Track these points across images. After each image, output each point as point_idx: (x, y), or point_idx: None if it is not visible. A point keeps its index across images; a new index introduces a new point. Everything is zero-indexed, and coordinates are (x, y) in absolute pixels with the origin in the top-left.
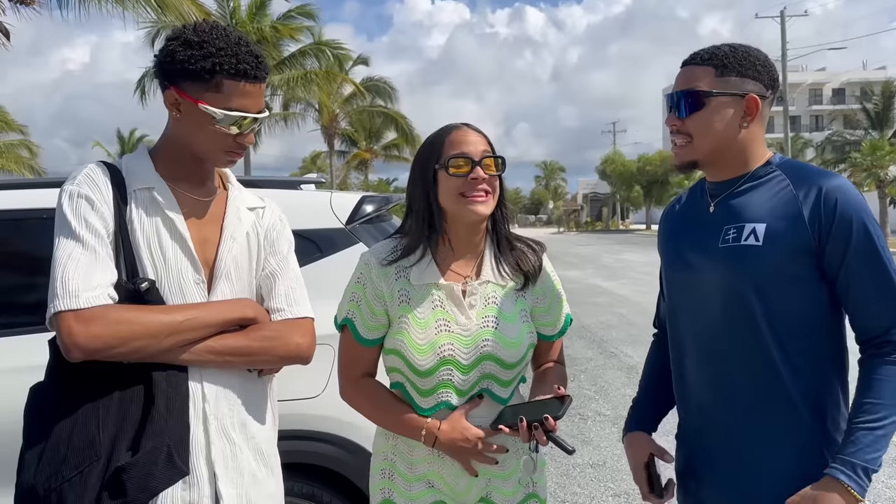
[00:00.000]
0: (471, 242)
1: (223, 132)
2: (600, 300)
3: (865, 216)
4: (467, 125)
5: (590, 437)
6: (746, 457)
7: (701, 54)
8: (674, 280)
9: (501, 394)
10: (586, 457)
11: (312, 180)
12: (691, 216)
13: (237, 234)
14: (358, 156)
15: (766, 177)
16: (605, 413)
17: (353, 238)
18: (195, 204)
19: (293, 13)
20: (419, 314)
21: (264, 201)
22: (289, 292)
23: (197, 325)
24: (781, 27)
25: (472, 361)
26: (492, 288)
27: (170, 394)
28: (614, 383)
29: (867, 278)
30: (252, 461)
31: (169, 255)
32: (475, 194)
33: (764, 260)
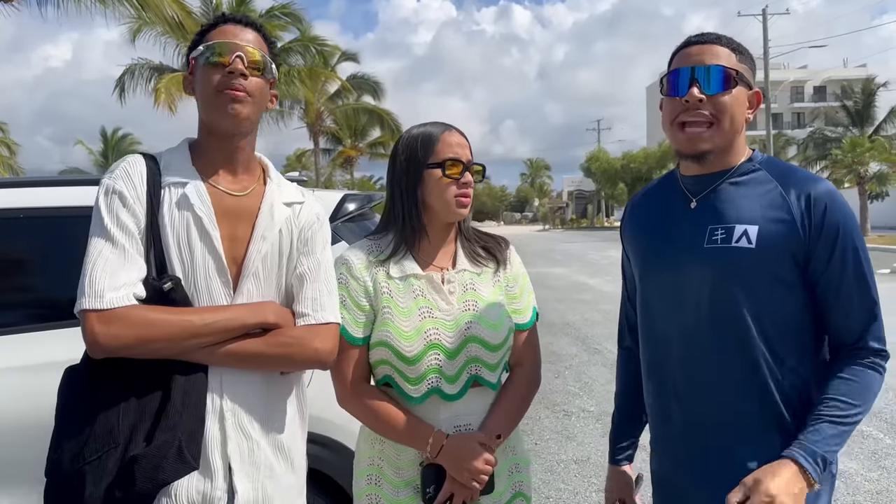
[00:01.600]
0: (445, 237)
1: (211, 70)
2: (585, 297)
3: (851, 224)
4: (456, 128)
5: (573, 433)
6: (727, 455)
7: (719, 36)
8: (652, 277)
9: (490, 378)
10: (570, 453)
11: (295, 178)
12: (668, 211)
13: (268, 233)
14: (343, 154)
15: (749, 174)
16: (590, 409)
17: (336, 236)
18: (228, 199)
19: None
20: (402, 304)
21: (304, 196)
22: (316, 297)
23: (217, 330)
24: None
25: (457, 345)
26: (468, 275)
27: (187, 389)
28: (599, 379)
29: (848, 285)
30: (271, 456)
31: (197, 252)
32: (463, 197)
33: (756, 263)
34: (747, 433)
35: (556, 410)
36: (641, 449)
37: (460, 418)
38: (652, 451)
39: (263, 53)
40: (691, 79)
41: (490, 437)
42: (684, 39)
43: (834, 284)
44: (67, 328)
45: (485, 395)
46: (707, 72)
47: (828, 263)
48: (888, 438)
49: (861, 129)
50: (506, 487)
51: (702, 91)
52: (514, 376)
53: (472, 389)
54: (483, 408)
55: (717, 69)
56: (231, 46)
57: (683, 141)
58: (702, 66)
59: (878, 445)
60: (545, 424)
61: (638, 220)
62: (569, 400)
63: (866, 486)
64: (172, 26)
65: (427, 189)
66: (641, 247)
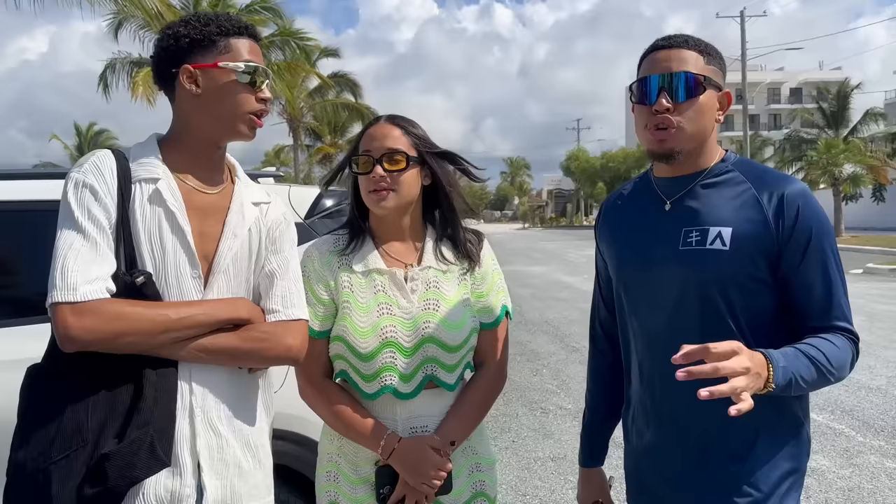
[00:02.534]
0: (401, 232)
1: (245, 90)
2: (563, 295)
3: (824, 225)
4: (390, 118)
5: (551, 430)
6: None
7: (686, 39)
8: (628, 280)
9: (447, 379)
10: (547, 450)
11: (271, 174)
12: (643, 214)
13: (239, 231)
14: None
15: (723, 175)
16: (567, 407)
17: (312, 232)
18: (199, 196)
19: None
20: (361, 299)
21: (270, 197)
22: (285, 294)
23: (190, 324)
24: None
25: (413, 344)
26: (433, 273)
27: (158, 385)
28: (576, 377)
29: (819, 286)
30: (239, 453)
31: (168, 247)
32: (377, 191)
33: (730, 264)
34: (727, 431)
35: (534, 408)
36: (616, 447)
37: (416, 420)
38: (627, 451)
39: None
40: (659, 87)
41: (444, 443)
42: (652, 43)
43: (806, 285)
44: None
45: (442, 397)
46: (674, 79)
47: (800, 264)
48: (860, 436)
49: (836, 130)
50: (465, 487)
51: (669, 100)
52: (475, 378)
53: (428, 390)
54: (440, 409)
55: (683, 76)
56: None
57: (653, 142)
58: (669, 74)
59: (850, 443)
60: (523, 422)
61: (613, 222)
62: (546, 398)
63: (839, 483)
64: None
65: None
66: (617, 249)
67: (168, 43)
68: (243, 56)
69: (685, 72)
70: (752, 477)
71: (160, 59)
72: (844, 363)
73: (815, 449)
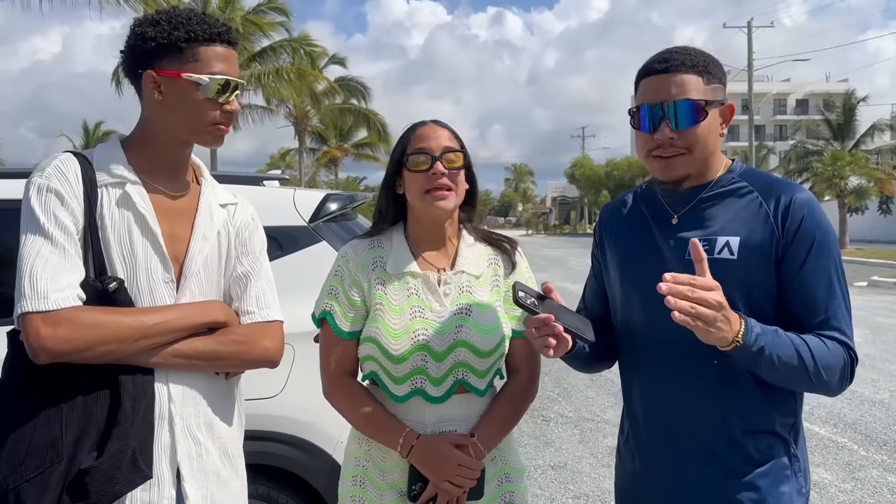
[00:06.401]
0: (441, 236)
1: (210, 102)
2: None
3: (827, 234)
4: (435, 121)
5: (551, 438)
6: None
7: (682, 60)
8: (634, 293)
9: (478, 385)
10: (547, 458)
11: (276, 177)
12: (650, 228)
13: (208, 233)
14: (328, 153)
15: (730, 185)
16: (568, 415)
17: (317, 236)
18: (167, 199)
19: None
20: (394, 301)
21: (237, 198)
22: (260, 295)
23: (166, 330)
24: (748, 38)
25: (445, 348)
26: (466, 278)
27: (136, 395)
28: (577, 385)
29: (819, 292)
30: (218, 461)
31: (139, 252)
32: (436, 191)
33: (738, 273)
34: (727, 442)
35: (535, 416)
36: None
37: (445, 424)
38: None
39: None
40: (661, 116)
41: (464, 437)
42: (647, 62)
43: (805, 292)
44: None
45: (472, 402)
46: (676, 108)
47: (800, 269)
48: (862, 450)
49: (842, 142)
50: (494, 497)
51: (672, 129)
52: (509, 385)
53: (458, 395)
54: (469, 414)
55: (685, 105)
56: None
57: (658, 170)
58: (670, 103)
59: (853, 457)
60: (523, 430)
61: (618, 235)
62: (547, 405)
63: (840, 497)
64: None
65: (405, 187)
66: (623, 260)
67: (135, 42)
68: (211, 67)
69: (686, 99)
70: None
71: (127, 57)
72: (832, 367)
73: (817, 462)
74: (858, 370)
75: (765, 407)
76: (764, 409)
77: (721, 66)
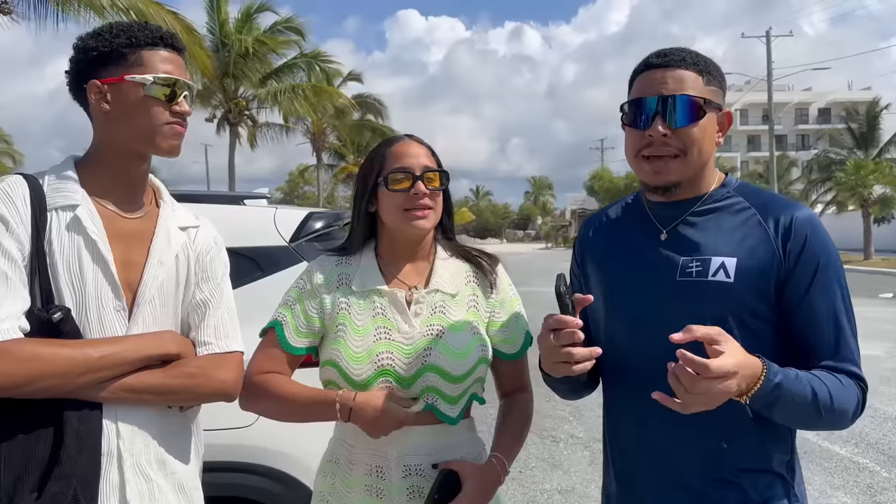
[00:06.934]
0: (416, 254)
1: (157, 103)
2: None
3: (832, 255)
4: (411, 137)
5: (560, 460)
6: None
7: (682, 56)
8: (619, 313)
9: (449, 412)
10: (555, 482)
11: (262, 195)
12: (637, 242)
13: (165, 258)
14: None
15: (723, 200)
16: (579, 435)
17: (298, 256)
18: (121, 222)
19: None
20: (358, 322)
21: (199, 220)
22: (219, 325)
23: (113, 363)
24: (767, 47)
25: (412, 373)
26: (440, 297)
27: (81, 432)
28: (589, 405)
29: (826, 320)
30: (172, 498)
31: (88, 279)
32: (416, 210)
33: (735, 298)
34: (721, 483)
35: (545, 436)
36: None
37: (410, 457)
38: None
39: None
40: (655, 111)
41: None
42: (645, 57)
43: (811, 320)
44: None
45: (441, 433)
46: (672, 103)
47: (805, 295)
48: (885, 472)
49: (865, 151)
50: None
51: (667, 125)
52: (513, 403)
53: (427, 426)
54: (437, 447)
55: (683, 100)
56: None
57: (649, 174)
58: (666, 97)
59: (874, 479)
60: (531, 451)
61: (602, 248)
62: (558, 425)
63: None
64: None
65: (380, 206)
66: (607, 280)
67: (78, 57)
68: (155, 68)
69: (684, 94)
70: None
71: (71, 74)
72: (847, 407)
73: (836, 485)
74: (882, 387)
75: (762, 443)
76: (762, 446)
77: (722, 72)
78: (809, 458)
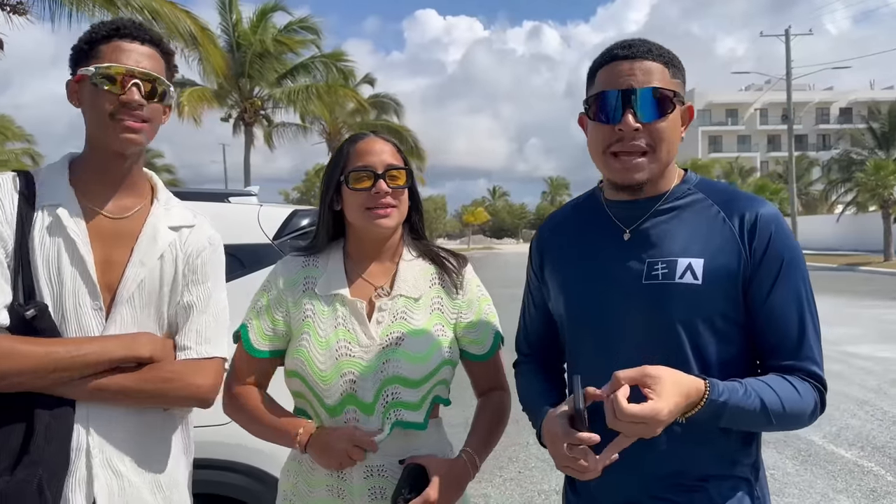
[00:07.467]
0: (382, 254)
1: (103, 93)
2: None
3: (796, 253)
4: (375, 134)
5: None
6: None
7: (648, 48)
8: (581, 319)
9: (414, 419)
10: (553, 482)
11: (247, 192)
12: (596, 244)
13: (147, 258)
14: None
15: (686, 198)
16: None
17: (281, 254)
18: (105, 222)
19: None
20: (321, 332)
21: (196, 220)
22: (202, 329)
23: (84, 364)
24: (786, 46)
25: (373, 395)
26: (403, 302)
27: (51, 425)
28: None
29: (789, 318)
30: (147, 496)
31: (66, 278)
32: (378, 209)
33: (703, 301)
34: (683, 479)
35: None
36: None
37: (372, 458)
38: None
39: (160, 76)
40: (624, 104)
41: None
42: (607, 49)
43: (774, 319)
44: None
45: (404, 438)
46: (642, 96)
47: (769, 294)
48: (890, 475)
49: (887, 151)
50: None
51: (637, 119)
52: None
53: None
54: (402, 450)
55: (652, 93)
56: (126, 72)
57: (618, 171)
58: (636, 90)
59: (879, 483)
60: (532, 451)
61: (559, 252)
62: None
63: None
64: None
65: (344, 205)
66: (568, 285)
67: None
68: (104, 59)
69: (654, 87)
70: None
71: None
72: (801, 411)
73: (839, 489)
74: (893, 389)
75: (727, 449)
76: (726, 451)
77: (682, 65)
78: (813, 462)
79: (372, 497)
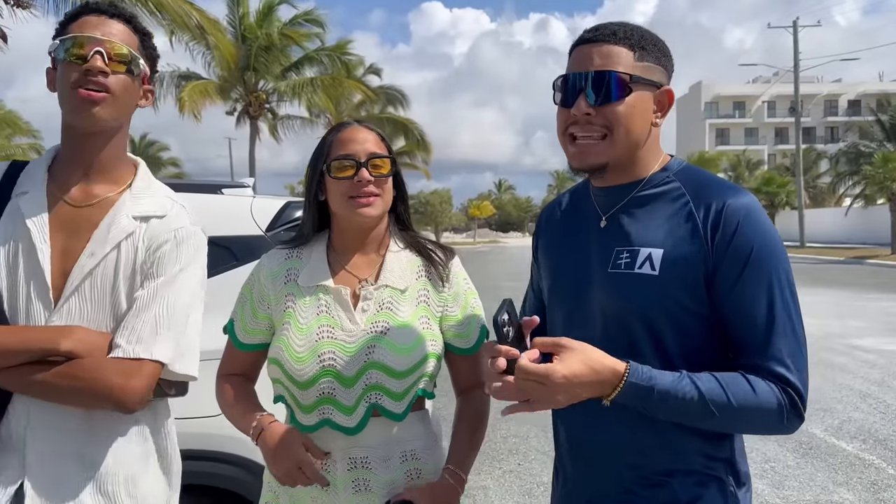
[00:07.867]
0: (367, 245)
1: (68, 65)
2: None
3: (769, 244)
4: (359, 122)
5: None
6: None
7: (614, 30)
8: (558, 306)
9: (394, 409)
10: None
11: (239, 184)
12: (579, 230)
13: (98, 249)
14: None
15: (661, 185)
16: None
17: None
18: (68, 210)
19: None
20: (301, 319)
21: (169, 210)
22: (138, 328)
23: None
24: (794, 37)
25: (355, 372)
26: (389, 292)
27: None
28: None
29: (758, 312)
30: (86, 499)
31: (20, 267)
32: (361, 198)
33: (658, 293)
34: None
35: (547, 429)
36: None
37: (356, 450)
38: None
39: (130, 48)
40: (578, 88)
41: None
42: (581, 34)
43: (741, 313)
44: None
45: (386, 427)
46: (595, 80)
47: (734, 285)
48: (891, 468)
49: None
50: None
51: (589, 103)
52: (466, 405)
53: (374, 418)
54: (383, 440)
55: (605, 76)
56: (90, 41)
57: (573, 155)
58: (590, 73)
59: (880, 476)
60: (532, 444)
61: (551, 237)
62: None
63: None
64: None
65: (328, 194)
66: (551, 270)
67: None
68: (68, 34)
69: (608, 70)
70: None
71: None
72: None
73: (839, 482)
74: None
75: (686, 444)
76: (686, 446)
77: (666, 48)
78: (814, 454)
79: (356, 489)
